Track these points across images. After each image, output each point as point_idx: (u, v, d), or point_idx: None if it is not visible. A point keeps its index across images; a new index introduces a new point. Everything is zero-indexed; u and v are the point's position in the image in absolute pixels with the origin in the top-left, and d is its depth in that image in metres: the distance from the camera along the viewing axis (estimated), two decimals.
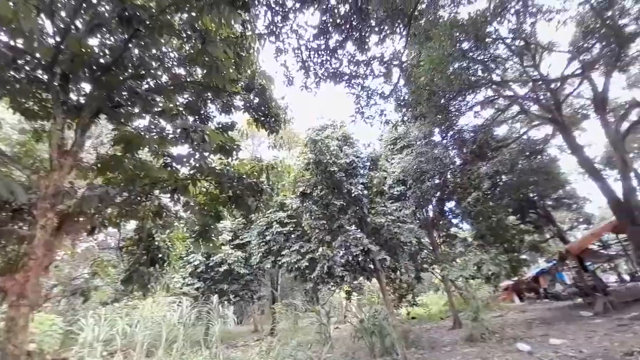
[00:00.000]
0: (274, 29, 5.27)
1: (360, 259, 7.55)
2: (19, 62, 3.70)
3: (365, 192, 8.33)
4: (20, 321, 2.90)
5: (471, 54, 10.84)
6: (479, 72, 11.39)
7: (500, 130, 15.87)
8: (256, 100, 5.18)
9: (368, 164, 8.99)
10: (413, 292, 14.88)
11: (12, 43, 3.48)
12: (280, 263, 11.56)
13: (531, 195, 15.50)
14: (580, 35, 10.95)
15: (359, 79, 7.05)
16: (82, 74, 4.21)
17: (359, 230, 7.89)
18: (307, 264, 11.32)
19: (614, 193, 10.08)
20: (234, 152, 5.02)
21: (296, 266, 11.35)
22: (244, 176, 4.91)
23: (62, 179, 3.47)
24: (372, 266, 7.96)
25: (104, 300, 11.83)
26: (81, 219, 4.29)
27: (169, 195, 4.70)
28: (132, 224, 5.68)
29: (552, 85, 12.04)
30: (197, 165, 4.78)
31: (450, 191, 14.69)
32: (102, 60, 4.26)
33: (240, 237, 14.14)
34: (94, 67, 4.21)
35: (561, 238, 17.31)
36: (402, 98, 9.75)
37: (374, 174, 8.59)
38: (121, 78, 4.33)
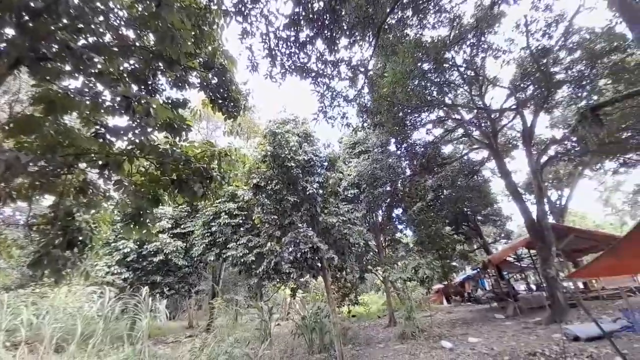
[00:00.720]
0: (243, 8, 4.95)
1: (308, 257, 7.49)
2: None
3: (320, 191, 8.30)
4: None
5: (430, 75, 11.61)
6: (435, 93, 12.24)
7: (447, 149, 17.32)
8: (215, 80, 4.78)
9: (326, 163, 8.99)
10: (356, 292, 15.35)
11: None
12: (225, 256, 10.98)
13: (465, 209, 17.14)
14: (519, 75, 12.43)
15: (326, 78, 7.02)
16: (8, 18, 3.47)
17: (310, 228, 7.83)
18: (254, 258, 10.95)
19: (530, 214, 11.58)
20: (184, 133, 4.56)
21: (242, 260, 10.90)
22: (192, 159, 4.49)
23: None
24: (319, 264, 7.96)
25: (7, 285, 9.96)
26: None
27: (97, 170, 4.07)
28: (48, 199, 4.84)
29: (492, 115, 13.47)
30: (137, 140, 4.26)
31: (399, 199, 15.53)
32: (32, 5, 3.55)
33: (182, 226, 13.05)
34: (22, 12, 3.49)
35: (485, 249, 19.45)
36: (364, 104, 10.00)
37: (330, 174, 8.61)
38: (52, 27, 3.66)
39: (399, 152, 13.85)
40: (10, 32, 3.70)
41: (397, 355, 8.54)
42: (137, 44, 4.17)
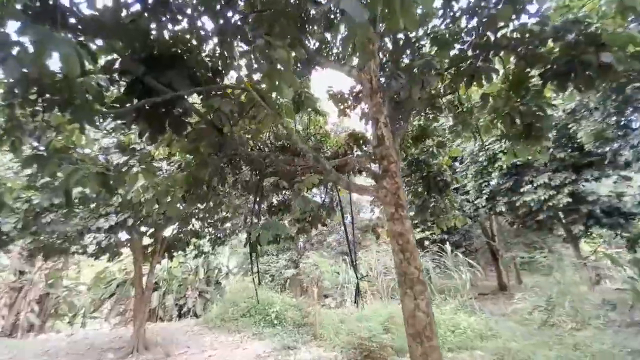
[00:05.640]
0: None
1: None
2: None
3: None
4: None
5: None
6: None
7: None
8: None
9: None
10: None
11: None
12: (519, 204, 8.33)
13: None
14: None
15: None
16: None
17: None
18: (569, 199, 7.57)
19: None
20: None
21: (549, 204, 7.82)
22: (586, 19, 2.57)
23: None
24: None
25: None
26: None
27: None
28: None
29: None
30: (484, 38, 2.93)
31: None
32: None
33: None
34: None
35: None
36: None
37: None
38: None
39: None
40: None
41: None
42: None
